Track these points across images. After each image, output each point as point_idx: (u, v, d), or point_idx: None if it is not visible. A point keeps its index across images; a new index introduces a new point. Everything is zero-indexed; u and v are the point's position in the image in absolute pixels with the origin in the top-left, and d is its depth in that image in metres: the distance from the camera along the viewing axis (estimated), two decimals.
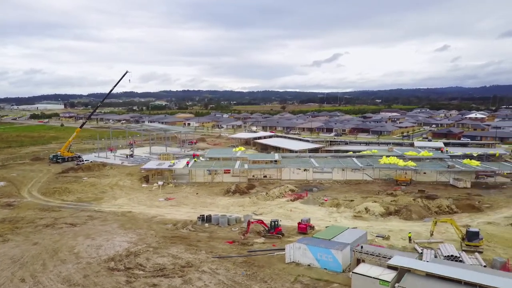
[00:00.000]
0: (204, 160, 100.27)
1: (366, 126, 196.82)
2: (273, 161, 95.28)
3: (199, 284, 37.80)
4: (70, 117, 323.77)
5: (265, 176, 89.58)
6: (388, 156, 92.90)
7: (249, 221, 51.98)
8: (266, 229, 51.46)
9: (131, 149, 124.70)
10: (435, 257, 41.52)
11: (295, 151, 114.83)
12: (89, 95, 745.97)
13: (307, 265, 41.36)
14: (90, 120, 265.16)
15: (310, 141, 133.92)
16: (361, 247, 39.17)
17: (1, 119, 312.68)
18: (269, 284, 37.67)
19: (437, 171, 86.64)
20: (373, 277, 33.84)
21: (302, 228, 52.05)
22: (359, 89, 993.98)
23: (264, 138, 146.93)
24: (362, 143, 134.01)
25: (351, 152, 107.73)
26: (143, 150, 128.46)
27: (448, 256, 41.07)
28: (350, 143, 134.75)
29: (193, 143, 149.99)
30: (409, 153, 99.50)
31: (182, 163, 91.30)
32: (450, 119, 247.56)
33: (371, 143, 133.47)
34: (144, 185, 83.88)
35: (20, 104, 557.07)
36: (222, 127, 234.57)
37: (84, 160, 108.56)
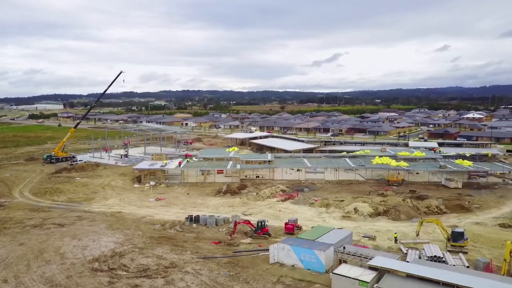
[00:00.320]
0: (197, 160, 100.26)
1: (363, 126, 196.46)
2: (266, 161, 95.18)
3: (181, 285, 37.84)
4: (68, 117, 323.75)
5: (258, 176, 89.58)
6: (381, 157, 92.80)
7: (236, 222, 52.02)
8: (253, 230, 51.47)
9: (126, 149, 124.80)
10: (419, 258, 41.60)
11: (290, 151, 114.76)
12: (89, 95, 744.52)
13: (291, 266, 41.38)
14: (88, 120, 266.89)
15: (305, 141, 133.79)
16: (344, 248, 39.22)
17: None
18: (251, 285, 37.71)
19: (429, 171, 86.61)
20: (353, 278, 33.86)
21: (289, 229, 52.00)
22: (359, 89, 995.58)
23: (260, 138, 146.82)
24: (357, 143, 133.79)
25: (345, 152, 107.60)
26: (138, 150, 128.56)
27: (432, 257, 41.06)
28: (345, 143, 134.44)
29: (189, 143, 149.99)
30: (402, 153, 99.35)
31: (175, 163, 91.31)
32: (448, 119, 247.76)
33: (367, 143, 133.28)
34: (136, 186, 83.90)
35: (20, 104, 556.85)
36: (220, 127, 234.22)
37: (78, 160, 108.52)
